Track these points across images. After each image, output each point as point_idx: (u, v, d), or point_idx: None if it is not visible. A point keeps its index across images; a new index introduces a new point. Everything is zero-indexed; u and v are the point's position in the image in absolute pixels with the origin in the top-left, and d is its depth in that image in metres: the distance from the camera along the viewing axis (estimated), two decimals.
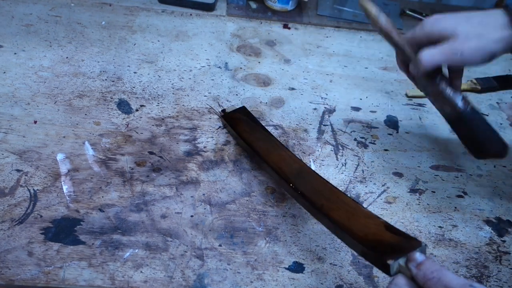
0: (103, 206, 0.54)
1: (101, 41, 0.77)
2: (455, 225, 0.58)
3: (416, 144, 0.68)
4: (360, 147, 0.66)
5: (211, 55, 0.78)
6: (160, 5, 0.87)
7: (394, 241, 0.41)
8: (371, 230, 0.43)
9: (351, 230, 0.44)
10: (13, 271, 0.47)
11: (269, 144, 0.59)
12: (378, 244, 0.41)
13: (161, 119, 0.65)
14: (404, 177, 0.63)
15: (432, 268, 0.35)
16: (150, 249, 0.51)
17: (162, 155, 0.61)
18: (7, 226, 0.51)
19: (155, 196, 0.56)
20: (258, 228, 0.54)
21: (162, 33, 0.81)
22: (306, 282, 0.50)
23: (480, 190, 0.62)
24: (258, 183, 0.59)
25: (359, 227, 0.43)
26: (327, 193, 0.49)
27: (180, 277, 0.49)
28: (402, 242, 0.40)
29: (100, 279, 0.48)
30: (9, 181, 0.55)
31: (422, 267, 0.36)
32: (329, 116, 0.70)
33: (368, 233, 0.43)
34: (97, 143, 0.61)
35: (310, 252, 0.53)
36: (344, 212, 0.46)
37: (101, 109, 0.65)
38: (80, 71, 0.71)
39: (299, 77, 0.76)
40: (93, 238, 0.51)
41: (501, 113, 0.75)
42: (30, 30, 0.77)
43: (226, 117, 0.64)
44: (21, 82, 0.68)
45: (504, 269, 0.54)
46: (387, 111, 0.72)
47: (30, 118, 0.63)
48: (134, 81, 0.71)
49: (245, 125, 0.62)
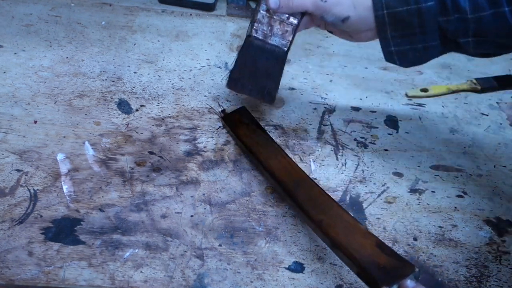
0: (103, 206, 0.54)
1: (101, 41, 0.77)
2: (455, 225, 0.58)
3: (416, 144, 0.68)
4: (360, 147, 0.66)
5: (211, 55, 0.78)
6: (160, 5, 0.87)
7: (389, 265, 0.41)
8: (367, 251, 0.43)
9: (348, 250, 0.44)
10: (13, 271, 0.47)
11: (269, 149, 0.58)
12: (374, 266, 0.41)
13: (161, 119, 0.65)
14: (404, 177, 0.63)
15: None
16: (150, 249, 0.51)
17: (162, 155, 0.61)
18: (7, 226, 0.51)
19: (155, 196, 0.56)
20: (258, 228, 0.54)
21: (162, 33, 0.81)
22: (306, 282, 0.50)
23: (480, 190, 0.62)
24: (258, 183, 0.59)
25: (356, 247, 0.43)
26: (327, 208, 0.49)
27: (180, 277, 0.49)
28: (397, 266, 0.41)
29: (100, 279, 0.48)
30: (9, 181, 0.55)
31: None
32: (329, 116, 0.70)
33: (364, 254, 0.43)
34: (97, 143, 0.61)
35: (310, 252, 0.53)
36: (342, 229, 0.46)
37: (101, 109, 0.65)
38: (80, 71, 0.71)
39: (299, 77, 0.76)
40: (93, 238, 0.51)
41: (501, 113, 0.75)
42: (30, 30, 0.77)
43: (225, 118, 0.64)
44: (21, 82, 0.68)
45: (504, 269, 0.54)
46: (387, 111, 0.72)
47: (30, 118, 0.63)
48: (134, 81, 0.71)
49: (245, 128, 0.62)
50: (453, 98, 0.77)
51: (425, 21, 0.49)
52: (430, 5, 0.48)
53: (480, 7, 0.47)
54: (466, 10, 0.47)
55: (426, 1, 0.48)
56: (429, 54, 0.52)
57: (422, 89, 0.76)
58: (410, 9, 0.48)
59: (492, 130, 0.72)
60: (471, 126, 0.72)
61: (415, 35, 0.50)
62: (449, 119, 0.73)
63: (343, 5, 0.51)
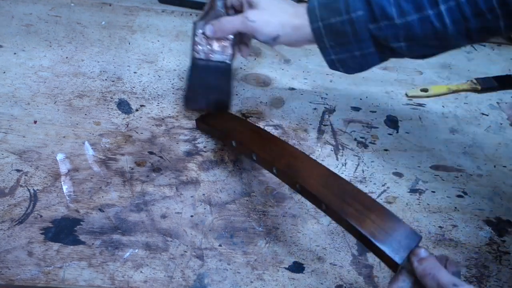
0: (103, 206, 0.54)
1: (101, 41, 0.77)
2: (455, 225, 0.58)
3: (416, 144, 0.68)
4: (360, 147, 0.66)
5: None
6: (160, 5, 0.87)
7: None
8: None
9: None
10: (13, 271, 0.47)
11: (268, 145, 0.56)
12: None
13: (161, 119, 0.65)
14: (404, 177, 0.63)
15: (432, 265, 0.37)
16: (150, 249, 0.51)
17: (162, 155, 0.61)
18: (7, 226, 0.51)
19: (155, 196, 0.56)
20: (258, 228, 0.54)
21: (162, 33, 0.81)
22: (306, 282, 0.50)
23: (480, 190, 0.62)
24: (258, 183, 0.59)
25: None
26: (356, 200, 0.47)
27: (180, 277, 0.49)
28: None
29: (100, 279, 0.48)
30: (9, 181, 0.55)
31: (423, 262, 0.38)
32: (329, 116, 0.70)
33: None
34: (97, 143, 0.61)
35: (310, 252, 0.53)
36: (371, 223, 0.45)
37: (101, 109, 0.65)
38: (80, 71, 0.71)
39: (299, 77, 0.76)
40: (93, 238, 0.51)
41: (501, 113, 0.75)
42: (30, 30, 0.77)
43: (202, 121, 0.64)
44: (21, 82, 0.68)
45: (504, 269, 0.54)
46: (387, 111, 0.72)
47: (30, 118, 0.63)
48: (134, 81, 0.71)
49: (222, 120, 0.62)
50: (453, 98, 0.77)
51: (358, 30, 0.51)
52: (360, 14, 0.50)
53: (405, 12, 0.49)
54: (393, 16, 0.49)
55: (356, 11, 0.50)
56: (369, 60, 0.55)
57: (422, 89, 0.76)
58: (342, 19, 0.51)
59: (492, 130, 0.72)
60: (471, 126, 0.72)
61: (351, 44, 0.53)
62: (449, 119, 0.73)
63: (271, 25, 0.54)
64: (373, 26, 0.50)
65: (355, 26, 0.51)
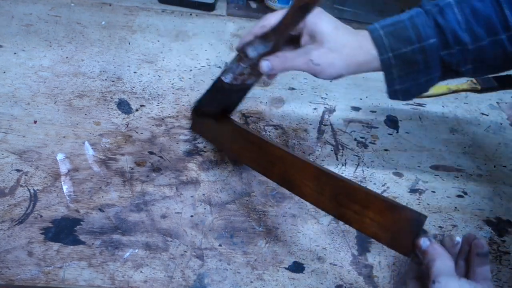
0: (103, 206, 0.54)
1: (101, 41, 0.77)
2: (455, 225, 0.58)
3: (416, 144, 0.68)
4: (360, 147, 0.66)
5: (211, 55, 0.78)
6: (160, 5, 0.87)
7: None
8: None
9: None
10: (13, 271, 0.47)
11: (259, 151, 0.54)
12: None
13: (161, 119, 0.65)
14: (404, 177, 0.63)
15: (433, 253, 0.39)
16: (150, 249, 0.51)
17: (162, 155, 0.61)
18: (7, 226, 0.51)
19: (155, 196, 0.56)
20: (258, 228, 0.54)
21: (162, 33, 0.81)
22: (306, 282, 0.50)
23: (480, 190, 0.62)
24: (258, 183, 0.59)
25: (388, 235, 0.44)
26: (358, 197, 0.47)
27: (180, 277, 0.49)
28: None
29: (100, 279, 0.48)
30: (9, 181, 0.55)
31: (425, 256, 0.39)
32: (329, 116, 0.70)
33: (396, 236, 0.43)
34: (97, 143, 0.61)
35: (310, 252, 0.53)
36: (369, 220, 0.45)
37: (101, 109, 0.65)
38: (80, 71, 0.71)
39: (299, 77, 0.76)
40: (93, 238, 0.51)
41: (501, 113, 0.75)
42: (30, 30, 0.77)
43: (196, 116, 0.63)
44: (21, 82, 0.68)
45: (504, 269, 0.54)
46: (387, 111, 0.72)
47: (30, 118, 0.63)
48: (134, 81, 0.71)
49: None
50: (453, 98, 0.77)
51: (429, 57, 0.50)
52: (432, 42, 0.49)
53: (479, 38, 0.48)
54: (467, 42, 0.48)
55: (428, 38, 0.49)
56: (429, 84, 0.53)
57: None
58: (414, 48, 0.49)
59: (492, 130, 0.72)
60: (471, 126, 0.72)
61: (420, 72, 0.51)
62: (449, 119, 0.73)
63: (336, 67, 0.51)
64: (444, 53, 0.49)
65: (426, 54, 0.49)
